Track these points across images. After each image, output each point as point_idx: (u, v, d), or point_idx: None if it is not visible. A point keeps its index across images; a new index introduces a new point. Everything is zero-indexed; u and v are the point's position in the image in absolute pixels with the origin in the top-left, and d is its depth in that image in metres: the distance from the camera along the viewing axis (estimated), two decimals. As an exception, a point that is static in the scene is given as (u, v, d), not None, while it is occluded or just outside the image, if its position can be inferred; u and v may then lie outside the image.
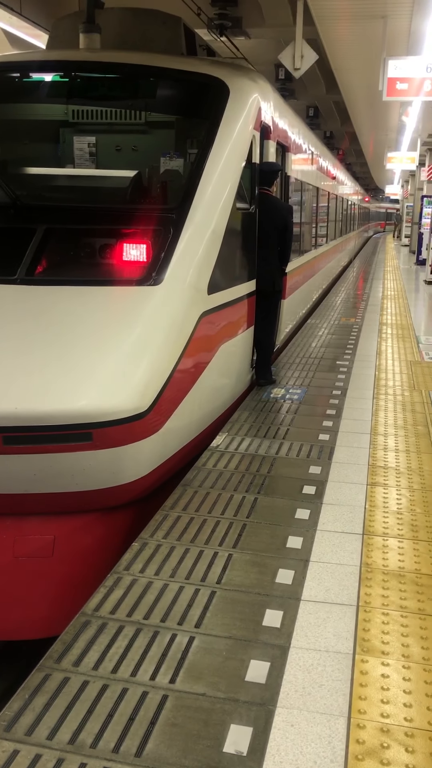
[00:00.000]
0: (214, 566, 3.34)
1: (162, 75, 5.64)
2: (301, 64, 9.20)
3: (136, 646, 2.73)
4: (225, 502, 4.06)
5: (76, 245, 4.67)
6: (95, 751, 2.20)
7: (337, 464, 4.71)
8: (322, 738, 2.29)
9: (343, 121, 23.47)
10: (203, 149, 5.11)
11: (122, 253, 4.50)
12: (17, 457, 3.68)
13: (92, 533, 4.04)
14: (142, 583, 3.18)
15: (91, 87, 5.81)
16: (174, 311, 4.35)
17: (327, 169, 14.26)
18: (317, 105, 20.87)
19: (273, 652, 2.72)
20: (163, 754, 2.19)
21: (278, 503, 4.06)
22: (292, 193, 8.59)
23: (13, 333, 3.98)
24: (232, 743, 2.24)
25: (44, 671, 2.57)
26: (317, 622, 2.92)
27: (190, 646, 2.74)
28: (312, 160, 11.24)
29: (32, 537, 3.91)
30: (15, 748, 2.20)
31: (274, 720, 2.36)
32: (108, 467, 3.86)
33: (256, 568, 3.33)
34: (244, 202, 5.70)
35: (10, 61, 6.05)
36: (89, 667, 2.60)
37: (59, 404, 3.66)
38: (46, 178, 5.64)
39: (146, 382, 3.97)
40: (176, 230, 4.61)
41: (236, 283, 5.54)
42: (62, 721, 2.32)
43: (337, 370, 7.41)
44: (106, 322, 4.11)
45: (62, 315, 4.11)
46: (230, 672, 2.59)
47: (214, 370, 5.02)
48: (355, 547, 3.58)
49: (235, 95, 5.51)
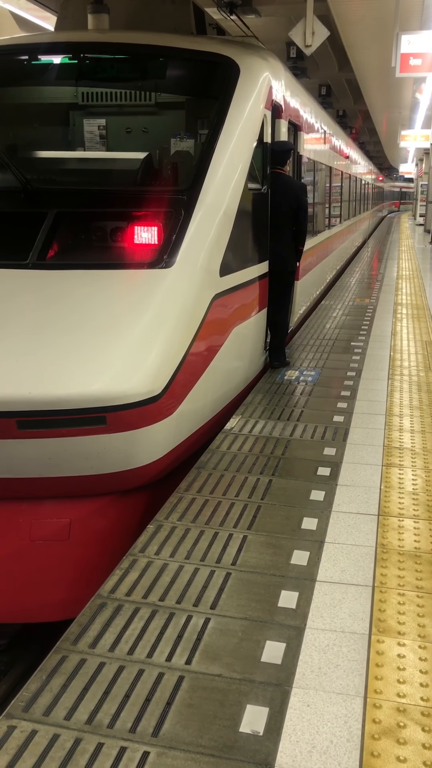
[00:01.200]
0: (229, 548, 3.34)
1: (171, 55, 5.58)
2: (312, 41, 9.07)
3: (151, 627, 2.75)
4: (239, 484, 4.06)
5: (87, 229, 4.65)
6: (112, 731, 2.22)
7: (352, 445, 4.69)
8: (339, 718, 2.30)
9: (356, 100, 23.18)
10: (214, 129, 5.05)
11: (133, 235, 4.47)
12: (32, 442, 3.69)
13: (108, 516, 4.06)
14: (158, 565, 3.19)
15: (100, 68, 5.75)
16: (186, 294, 4.33)
17: (340, 148, 14.10)
18: (329, 83, 20.61)
19: (288, 632, 2.72)
20: (179, 734, 2.21)
21: (293, 485, 4.06)
22: (304, 173, 8.50)
23: (26, 318, 3.98)
24: (249, 723, 2.25)
25: (61, 653, 2.59)
26: (333, 603, 2.92)
27: (206, 627, 2.74)
28: (324, 139, 11.12)
29: (48, 521, 3.93)
30: (33, 728, 2.22)
31: (290, 700, 2.36)
32: (122, 450, 3.87)
33: (271, 550, 3.33)
34: (255, 183, 5.65)
35: (19, 43, 6.01)
36: (105, 648, 2.62)
37: (73, 388, 3.66)
38: (56, 161, 5.62)
39: (159, 365, 3.96)
40: (187, 212, 4.57)
41: (248, 265, 5.50)
42: (79, 702, 2.34)
43: (352, 351, 7.37)
44: (118, 306, 4.10)
45: (74, 299, 4.10)
46: (246, 653, 2.59)
47: (227, 353, 5.00)
48: (370, 527, 3.57)
49: (246, 74, 5.44)
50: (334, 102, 22.63)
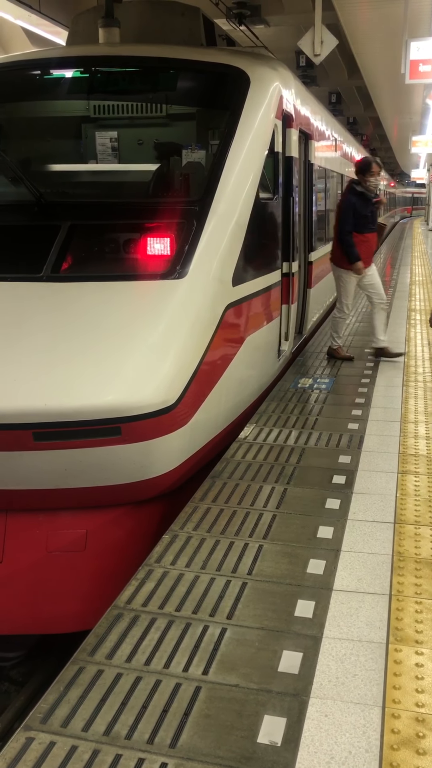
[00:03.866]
0: (244, 557, 3.34)
1: (182, 67, 5.62)
2: (321, 50, 9.10)
3: (168, 638, 2.75)
4: (254, 493, 4.05)
5: (101, 241, 4.68)
6: (130, 742, 2.22)
7: (367, 453, 4.67)
8: (357, 728, 2.29)
9: (366, 106, 23.20)
10: (225, 140, 5.08)
11: (146, 247, 4.50)
12: (47, 453, 3.71)
13: (123, 527, 4.07)
14: (174, 575, 3.19)
15: (111, 81, 5.80)
16: (199, 304, 4.34)
17: (351, 156, 14.11)
18: (339, 91, 20.65)
19: (305, 642, 2.71)
20: (197, 745, 2.20)
21: (308, 493, 4.05)
22: (315, 181, 8.51)
23: (41, 330, 4.01)
24: (266, 734, 2.25)
25: (78, 664, 2.59)
26: (349, 612, 2.91)
27: (223, 637, 2.74)
28: (336, 147, 11.13)
29: (64, 531, 3.95)
30: (51, 740, 2.23)
31: (307, 710, 2.36)
32: (137, 461, 3.88)
33: (286, 559, 3.32)
34: (267, 192, 5.67)
35: (31, 59, 6.08)
36: (122, 659, 2.62)
37: (87, 399, 3.68)
38: (68, 174, 5.66)
39: (173, 375, 3.97)
40: (199, 223, 4.59)
41: (261, 274, 5.51)
42: (97, 713, 2.34)
43: (365, 358, 7.35)
44: (131, 317, 4.12)
45: (88, 311, 4.13)
46: (263, 663, 2.59)
47: (240, 362, 5.01)
48: (386, 536, 3.56)
49: (256, 84, 5.47)
50: (344, 109, 22.67)
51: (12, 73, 5.86)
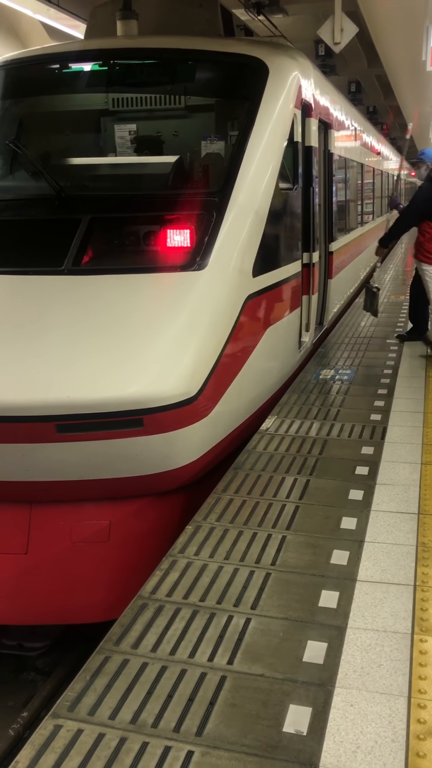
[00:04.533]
0: (268, 548, 3.34)
1: (200, 58, 5.60)
2: (341, 38, 8.99)
3: (193, 627, 2.76)
4: (276, 484, 4.05)
5: (121, 233, 4.69)
6: (156, 730, 2.24)
7: (390, 444, 4.65)
8: (383, 718, 2.28)
9: (386, 95, 22.96)
10: (244, 131, 5.06)
11: (166, 239, 4.50)
12: (71, 445, 3.73)
13: (146, 518, 4.09)
14: (197, 565, 3.20)
15: (129, 74, 5.80)
16: (219, 295, 4.34)
17: (371, 145, 13.99)
18: (359, 80, 20.45)
19: (330, 632, 2.71)
20: (223, 733, 2.21)
21: (331, 484, 4.04)
22: (335, 171, 8.45)
23: (63, 323, 4.03)
24: (292, 723, 2.25)
25: (104, 653, 2.61)
26: (374, 603, 2.90)
27: (247, 627, 2.75)
28: (355, 136, 11.04)
29: (88, 522, 3.98)
30: (79, 728, 2.25)
31: (333, 700, 2.36)
32: (159, 452, 3.89)
33: (310, 550, 3.32)
34: (286, 182, 5.64)
35: (50, 53, 6.08)
36: (148, 649, 2.64)
37: (110, 392, 3.70)
38: (88, 167, 5.67)
39: (194, 367, 3.97)
40: (219, 214, 4.58)
41: (281, 265, 5.49)
42: (123, 702, 2.36)
43: (388, 349, 7.30)
44: (152, 309, 4.12)
45: (109, 303, 4.14)
46: (287, 653, 2.59)
47: (261, 353, 5.00)
48: (410, 526, 3.54)
49: (275, 74, 5.43)
50: (364, 98, 22.44)
51: (31, 68, 5.87)
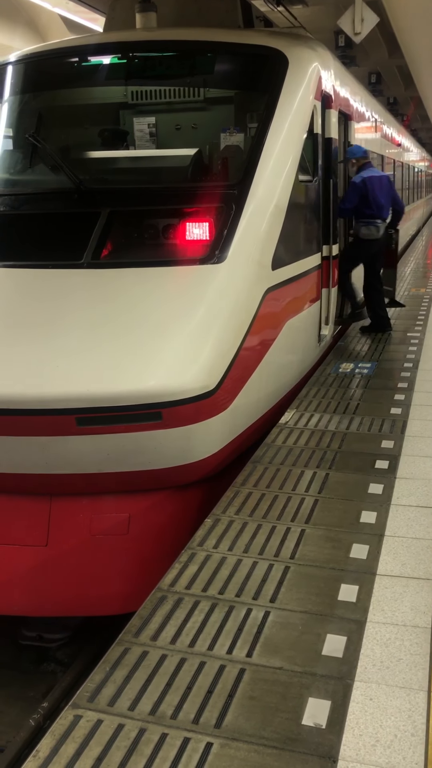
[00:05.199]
0: (287, 541, 3.34)
1: (219, 50, 5.57)
2: (362, 27, 8.90)
3: (212, 620, 2.76)
4: (296, 478, 4.04)
5: (140, 227, 4.69)
6: (175, 722, 2.25)
7: (410, 438, 4.61)
8: (402, 712, 2.27)
9: (407, 86, 22.72)
10: (263, 123, 5.03)
11: (185, 232, 4.49)
12: (91, 438, 3.75)
13: (165, 511, 4.10)
14: (216, 558, 3.21)
15: (149, 67, 5.79)
16: (238, 288, 4.32)
17: (391, 136, 13.86)
18: (379, 71, 20.26)
19: (349, 626, 2.70)
20: (242, 725, 2.22)
21: (350, 478, 4.02)
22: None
23: (82, 316, 4.04)
24: (311, 716, 2.25)
25: (123, 645, 2.63)
26: (394, 597, 2.88)
27: (266, 620, 2.75)
28: (376, 128, 10.94)
29: (108, 515, 4.00)
30: (99, 718, 2.26)
31: (352, 693, 2.35)
32: (178, 445, 3.90)
33: (329, 543, 3.31)
34: (306, 174, 5.61)
35: (69, 46, 6.09)
36: (167, 641, 2.65)
37: (129, 385, 3.71)
38: (107, 161, 5.68)
39: (213, 360, 3.97)
40: (238, 206, 4.57)
41: (301, 257, 5.46)
42: (143, 693, 2.37)
43: (408, 342, 7.24)
44: (171, 302, 4.12)
45: (129, 297, 4.15)
46: (306, 646, 2.59)
47: (280, 347, 4.98)
48: (430, 521, 3.51)
49: (294, 65, 5.40)
50: (384, 89, 22.24)
51: (50, 61, 5.88)
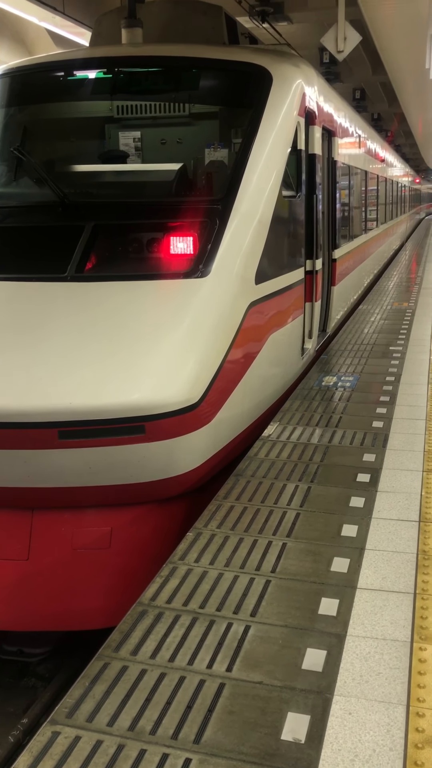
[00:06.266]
0: (268, 555, 3.34)
1: (204, 66, 5.63)
2: (345, 46, 9.04)
3: (192, 635, 2.76)
4: (278, 491, 4.05)
5: (124, 240, 4.71)
6: (154, 737, 2.24)
7: (392, 451, 4.65)
8: (381, 726, 2.28)
9: (391, 103, 23.02)
10: (247, 138, 5.08)
11: (169, 246, 4.52)
12: (73, 451, 3.75)
13: (148, 524, 4.09)
14: (198, 572, 3.21)
15: (134, 82, 5.83)
16: (222, 302, 4.35)
17: (375, 152, 14.02)
18: (363, 87, 20.51)
19: (329, 640, 2.71)
20: (221, 741, 2.21)
21: (332, 492, 4.04)
22: (339, 178, 8.48)
23: (65, 329, 4.05)
24: (290, 731, 2.25)
25: (103, 660, 2.62)
26: (374, 610, 2.90)
27: (246, 634, 2.75)
28: (359, 144, 11.07)
29: (90, 529, 3.98)
30: (77, 734, 2.25)
31: (331, 708, 2.35)
32: (161, 459, 3.90)
33: (310, 557, 3.32)
34: (290, 190, 5.66)
35: (55, 60, 6.12)
36: (147, 656, 2.64)
37: (112, 398, 3.71)
38: (92, 174, 5.70)
39: (196, 373, 3.98)
40: (222, 221, 4.60)
41: (284, 272, 5.50)
42: (122, 709, 2.36)
43: (391, 356, 7.30)
44: (155, 316, 4.14)
45: (112, 310, 4.16)
46: (287, 660, 2.59)
47: (264, 360, 5.01)
48: (411, 534, 3.54)
49: (279, 82, 5.46)
50: (368, 105, 22.49)
51: (37, 75, 5.91)
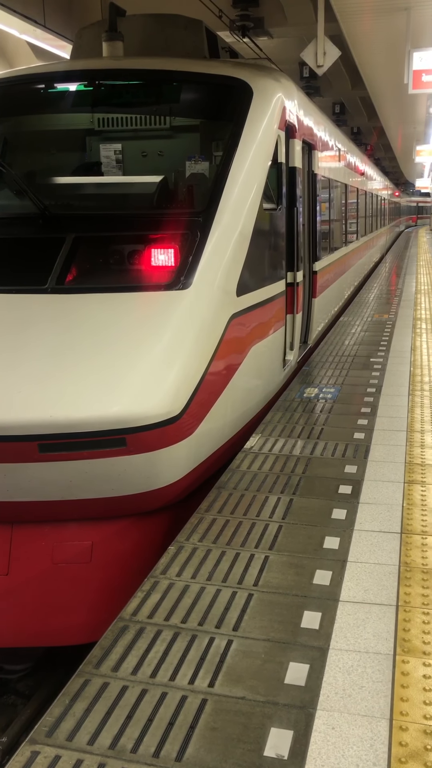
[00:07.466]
0: (250, 568, 3.33)
1: (185, 79, 5.66)
2: (324, 60, 9.14)
3: (174, 650, 2.73)
4: (260, 503, 4.04)
5: (105, 252, 4.70)
6: (136, 755, 2.21)
7: (373, 463, 4.66)
8: (364, 741, 2.27)
9: (370, 116, 23.29)
10: (228, 151, 5.11)
11: (150, 258, 4.52)
12: (53, 465, 3.71)
13: (129, 538, 4.06)
14: (179, 586, 3.18)
15: (115, 94, 5.85)
16: (203, 314, 4.35)
17: (355, 165, 14.15)
18: (343, 101, 20.76)
19: (312, 654, 2.69)
20: (203, 758, 2.19)
21: (314, 504, 4.03)
22: (320, 191, 8.54)
23: (45, 341, 4.02)
24: (273, 747, 2.23)
25: (84, 677, 2.58)
26: (356, 623, 2.89)
27: (229, 649, 2.73)
28: (339, 157, 11.17)
29: (70, 543, 3.95)
30: (57, 754, 2.21)
31: (314, 723, 2.34)
32: (142, 472, 3.88)
33: (293, 570, 3.31)
34: (270, 203, 5.69)
35: (36, 72, 6.12)
36: (128, 672, 2.61)
37: (93, 411, 3.69)
38: (73, 186, 5.70)
39: (178, 386, 3.97)
40: (203, 233, 4.61)
41: (265, 284, 5.52)
42: (102, 726, 2.33)
43: (371, 368, 7.34)
44: (136, 328, 4.13)
45: (93, 322, 4.14)
46: (269, 675, 2.57)
47: (245, 372, 5.01)
48: (393, 546, 3.54)
49: (259, 96, 5.50)
50: (348, 119, 22.76)
51: (17, 87, 5.91)
